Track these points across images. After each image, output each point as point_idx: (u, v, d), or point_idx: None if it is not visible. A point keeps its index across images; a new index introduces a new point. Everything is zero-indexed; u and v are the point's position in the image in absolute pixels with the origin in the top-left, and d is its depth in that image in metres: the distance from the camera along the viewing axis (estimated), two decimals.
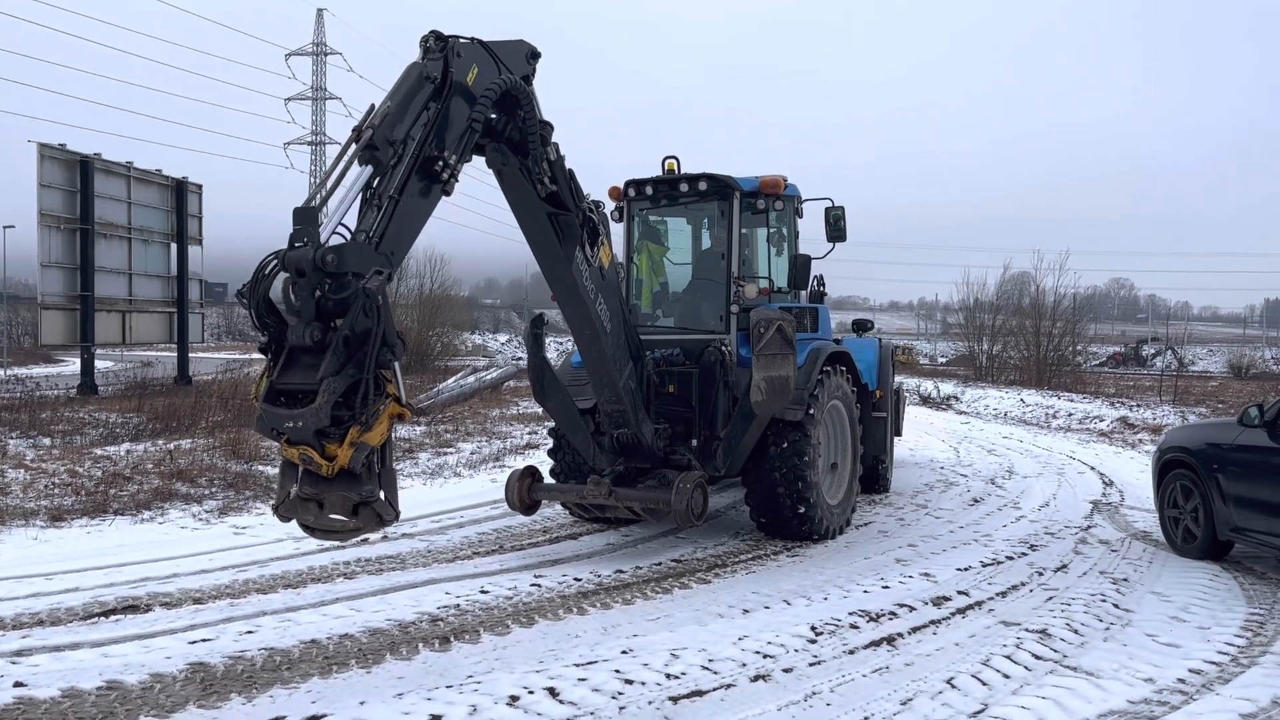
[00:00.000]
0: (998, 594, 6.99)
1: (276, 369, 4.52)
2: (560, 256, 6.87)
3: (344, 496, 4.59)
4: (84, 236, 21.00)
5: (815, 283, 10.29)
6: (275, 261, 4.54)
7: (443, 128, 5.43)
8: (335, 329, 4.46)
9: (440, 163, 5.35)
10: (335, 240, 4.64)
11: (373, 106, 5.18)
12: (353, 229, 4.84)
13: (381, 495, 4.69)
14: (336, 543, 7.60)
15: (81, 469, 11.15)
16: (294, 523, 4.78)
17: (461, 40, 5.68)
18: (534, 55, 6.61)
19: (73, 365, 30.70)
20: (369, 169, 4.97)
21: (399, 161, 5.11)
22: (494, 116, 5.97)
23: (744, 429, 8.22)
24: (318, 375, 4.37)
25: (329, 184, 4.94)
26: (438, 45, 5.55)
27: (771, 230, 9.79)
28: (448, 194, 5.50)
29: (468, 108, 5.62)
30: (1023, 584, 7.28)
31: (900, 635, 6.00)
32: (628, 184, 9.25)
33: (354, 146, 5.03)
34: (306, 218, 4.55)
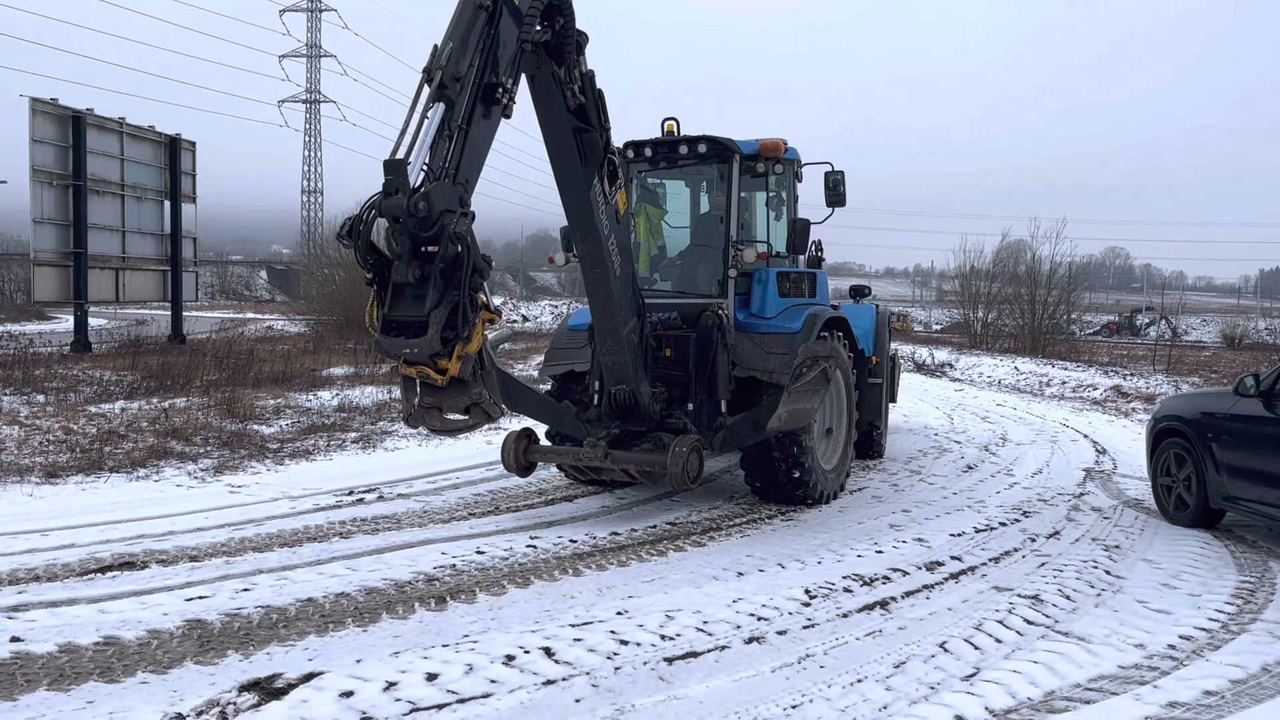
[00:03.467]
0: (991, 559, 7.03)
1: (387, 303, 5.23)
2: (580, 177, 6.97)
3: (458, 400, 5.50)
4: (77, 193, 20.84)
5: (814, 248, 10.25)
6: (373, 209, 5.12)
7: (496, 52, 5.74)
8: (432, 262, 5.13)
9: (500, 88, 5.73)
10: (419, 175, 5.17)
11: (435, 48, 5.48)
12: (428, 163, 5.26)
13: (487, 395, 5.53)
14: (455, 438, 9.74)
15: (76, 426, 11.14)
16: (421, 428, 5.78)
17: None
18: None
19: (66, 322, 30.57)
20: (442, 106, 5.36)
21: (462, 92, 5.47)
22: (538, 28, 6.21)
23: (749, 435, 8.18)
24: (425, 309, 5.12)
25: (409, 131, 5.30)
26: None
27: (771, 194, 9.73)
28: (507, 116, 5.91)
29: (517, 28, 5.91)
30: (1015, 550, 7.32)
31: (894, 599, 6.04)
32: (626, 145, 9.15)
33: (426, 90, 5.38)
34: (396, 169, 5.06)
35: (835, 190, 9.80)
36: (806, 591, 6.12)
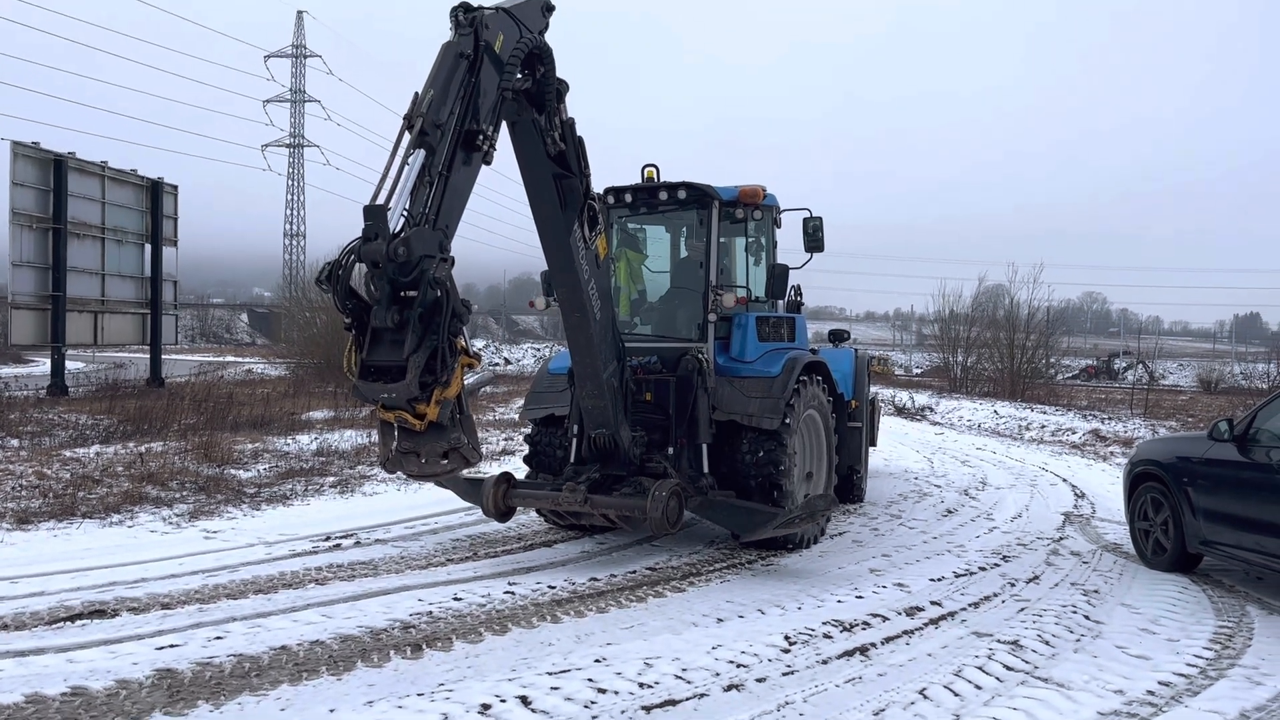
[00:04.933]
0: (970, 605, 7.02)
1: (365, 348, 5.26)
2: (560, 221, 7.04)
3: (436, 445, 5.53)
4: (56, 236, 20.78)
5: (793, 292, 10.33)
6: (352, 254, 5.15)
7: (477, 100, 5.81)
8: (411, 306, 5.15)
9: (480, 136, 5.80)
10: (399, 220, 5.20)
11: (416, 95, 5.55)
12: (408, 209, 5.29)
13: (465, 440, 5.57)
14: (432, 484, 9.18)
15: (50, 471, 11.00)
16: (398, 473, 5.87)
17: (487, 10, 5.99)
18: (548, 8, 6.87)
19: (43, 365, 30.31)
20: (422, 153, 5.41)
21: (443, 139, 5.53)
22: (519, 76, 6.31)
23: (724, 523, 8.39)
24: (403, 353, 5.14)
25: (390, 177, 5.35)
26: (467, 19, 5.86)
27: (750, 239, 9.82)
28: (488, 163, 5.97)
29: (497, 76, 6.00)
30: (995, 595, 7.31)
31: (873, 645, 6.01)
32: (607, 191, 9.24)
33: (407, 137, 5.45)
34: (376, 214, 5.10)
35: (814, 236, 9.93)
36: (786, 638, 6.08)
